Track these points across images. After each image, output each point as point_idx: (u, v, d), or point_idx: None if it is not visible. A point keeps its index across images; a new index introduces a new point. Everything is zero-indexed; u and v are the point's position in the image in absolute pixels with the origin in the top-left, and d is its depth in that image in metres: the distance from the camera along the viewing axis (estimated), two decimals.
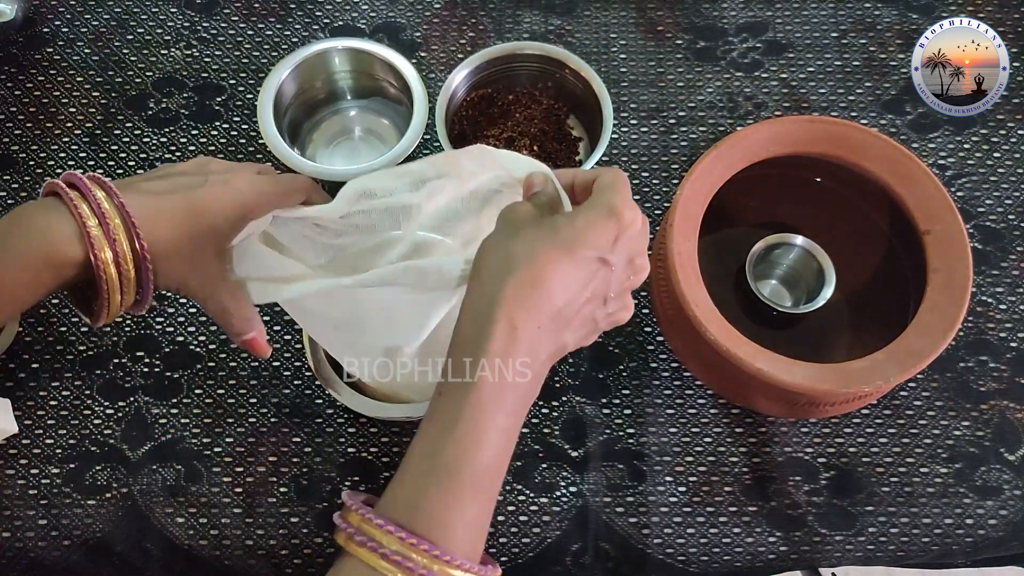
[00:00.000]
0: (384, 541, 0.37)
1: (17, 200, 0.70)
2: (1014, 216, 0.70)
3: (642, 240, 0.42)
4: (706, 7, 0.78)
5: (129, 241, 0.42)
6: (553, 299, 0.39)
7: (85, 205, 0.41)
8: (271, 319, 0.66)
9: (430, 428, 0.40)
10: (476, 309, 0.40)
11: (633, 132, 0.73)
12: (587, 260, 0.39)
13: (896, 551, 0.60)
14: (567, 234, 0.39)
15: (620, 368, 0.65)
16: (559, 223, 0.40)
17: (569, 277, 0.39)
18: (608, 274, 0.40)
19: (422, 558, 0.36)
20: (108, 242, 0.41)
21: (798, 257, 0.65)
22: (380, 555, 0.36)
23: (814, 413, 0.61)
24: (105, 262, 0.41)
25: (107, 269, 0.41)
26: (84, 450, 0.62)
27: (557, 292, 0.39)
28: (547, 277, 0.38)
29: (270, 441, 0.63)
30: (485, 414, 0.39)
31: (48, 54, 0.76)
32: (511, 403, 0.40)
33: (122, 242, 0.41)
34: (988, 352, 0.65)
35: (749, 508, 0.61)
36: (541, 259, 0.38)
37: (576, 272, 0.39)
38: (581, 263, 0.39)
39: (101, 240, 0.41)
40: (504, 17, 0.78)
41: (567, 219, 0.40)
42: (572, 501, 0.61)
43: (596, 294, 0.41)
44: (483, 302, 0.39)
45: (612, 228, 0.39)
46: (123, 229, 0.42)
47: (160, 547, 0.60)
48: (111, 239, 0.41)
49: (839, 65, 0.76)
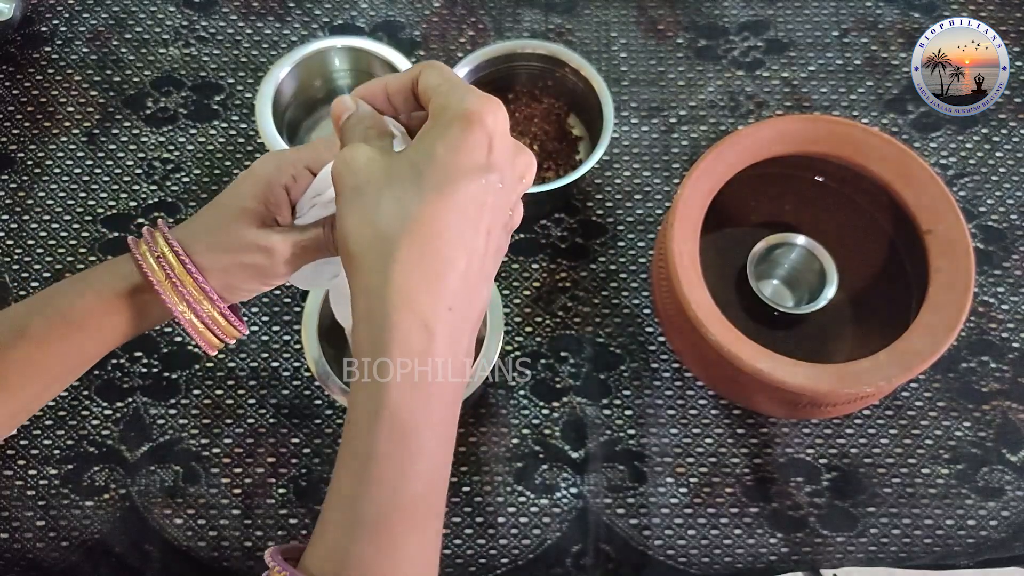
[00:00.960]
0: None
1: (15, 200, 0.70)
2: (1016, 216, 0.69)
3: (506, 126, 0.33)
4: (707, 5, 0.78)
5: (169, 247, 0.42)
6: (455, 264, 0.31)
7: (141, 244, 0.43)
8: (270, 319, 0.66)
9: (345, 470, 0.32)
10: (367, 311, 0.32)
11: (634, 131, 0.73)
12: (471, 194, 0.31)
13: (898, 552, 0.60)
14: (434, 176, 0.31)
15: (621, 369, 0.65)
16: (418, 165, 0.31)
17: (461, 228, 0.31)
18: (499, 193, 0.32)
19: None
20: (154, 258, 0.41)
21: (800, 257, 0.65)
22: None
23: (816, 414, 0.60)
24: (151, 267, 0.41)
25: (153, 272, 0.41)
26: (82, 451, 0.62)
27: (455, 254, 0.31)
28: (435, 242, 0.31)
29: (269, 442, 0.62)
30: (406, 440, 0.31)
31: (46, 53, 0.76)
32: (438, 413, 0.32)
33: (166, 255, 0.41)
34: (990, 352, 0.65)
35: (750, 509, 0.61)
36: (419, 222, 0.30)
37: (465, 217, 0.31)
38: (466, 202, 0.31)
39: (147, 255, 0.41)
40: (504, 16, 0.78)
41: (423, 155, 0.31)
42: (573, 502, 0.61)
43: (495, 223, 0.33)
44: (372, 301, 0.31)
45: (481, 137, 0.31)
46: (164, 242, 0.42)
47: (158, 548, 0.60)
48: (155, 255, 0.41)
49: (841, 64, 0.75)
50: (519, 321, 0.66)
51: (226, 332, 0.44)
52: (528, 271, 0.68)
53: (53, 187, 0.70)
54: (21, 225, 0.69)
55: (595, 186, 0.71)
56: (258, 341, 0.65)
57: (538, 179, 0.68)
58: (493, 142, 0.31)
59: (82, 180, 0.71)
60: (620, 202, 0.70)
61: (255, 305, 0.66)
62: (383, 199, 0.31)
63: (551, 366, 0.65)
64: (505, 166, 0.32)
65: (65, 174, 0.71)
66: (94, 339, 0.43)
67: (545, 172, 0.68)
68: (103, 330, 0.42)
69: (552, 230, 0.69)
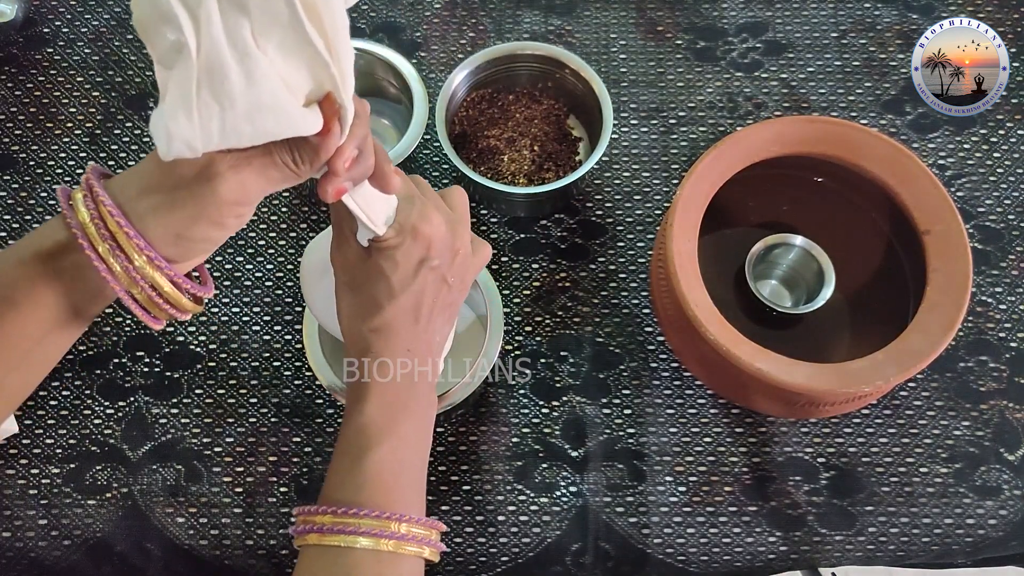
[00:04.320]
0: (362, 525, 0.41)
1: (17, 200, 0.70)
2: (1014, 216, 0.70)
3: (456, 232, 0.47)
4: (706, 7, 0.78)
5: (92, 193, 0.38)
6: (401, 336, 0.46)
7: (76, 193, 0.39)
8: (271, 319, 0.66)
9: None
10: (352, 345, 0.47)
11: (633, 132, 0.73)
12: (414, 291, 0.45)
13: (896, 551, 0.60)
14: (389, 285, 0.45)
15: (620, 368, 0.65)
16: (382, 276, 0.45)
17: (407, 312, 0.45)
18: (437, 276, 0.46)
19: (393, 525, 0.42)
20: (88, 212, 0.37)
21: (798, 257, 0.65)
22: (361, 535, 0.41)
23: (814, 413, 0.61)
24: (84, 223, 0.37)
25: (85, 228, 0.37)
26: (84, 450, 0.62)
27: (403, 330, 0.46)
28: (392, 324, 0.45)
29: (270, 441, 0.63)
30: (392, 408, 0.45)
31: (48, 54, 0.76)
32: (410, 400, 0.46)
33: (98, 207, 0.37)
34: (988, 352, 0.65)
35: (749, 508, 0.61)
36: (383, 312, 0.45)
37: (410, 305, 0.45)
38: (411, 295, 0.45)
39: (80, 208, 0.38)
40: (504, 17, 0.78)
41: (387, 266, 0.45)
42: (572, 501, 0.61)
43: (436, 295, 0.46)
44: (355, 340, 0.46)
45: (418, 248, 0.45)
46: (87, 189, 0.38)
47: (160, 547, 0.60)
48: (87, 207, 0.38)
49: (839, 65, 0.76)
50: (519, 321, 0.66)
51: (173, 300, 0.39)
52: (528, 271, 0.68)
53: (55, 187, 0.71)
54: (23, 225, 0.70)
55: (595, 186, 0.71)
56: (260, 341, 0.66)
57: (538, 179, 0.68)
58: (431, 246, 0.45)
59: None
60: (620, 202, 0.71)
61: (257, 305, 0.67)
62: (362, 291, 0.46)
63: (551, 365, 0.65)
64: (443, 258, 0.46)
65: (67, 174, 0.71)
66: (33, 316, 0.39)
67: (545, 173, 0.69)
68: (39, 305, 0.39)
69: (552, 230, 0.70)
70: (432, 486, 0.62)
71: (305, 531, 0.42)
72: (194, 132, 0.32)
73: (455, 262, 0.47)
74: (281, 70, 0.33)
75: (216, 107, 0.32)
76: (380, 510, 0.42)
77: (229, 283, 0.68)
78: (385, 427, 0.44)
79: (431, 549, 0.44)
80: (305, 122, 0.35)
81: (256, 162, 0.37)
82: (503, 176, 0.69)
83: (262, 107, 0.33)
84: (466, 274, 0.49)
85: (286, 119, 0.34)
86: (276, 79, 0.33)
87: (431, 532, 0.44)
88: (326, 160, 0.38)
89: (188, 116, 0.32)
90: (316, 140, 0.37)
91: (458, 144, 0.70)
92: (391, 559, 0.42)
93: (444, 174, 0.72)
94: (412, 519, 0.43)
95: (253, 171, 0.37)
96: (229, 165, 0.37)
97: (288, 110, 0.34)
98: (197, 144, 0.33)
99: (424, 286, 0.45)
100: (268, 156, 0.37)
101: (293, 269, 0.68)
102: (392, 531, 0.41)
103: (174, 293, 0.39)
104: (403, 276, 0.45)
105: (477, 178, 0.64)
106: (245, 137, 0.34)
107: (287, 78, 0.34)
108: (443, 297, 0.47)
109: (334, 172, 0.39)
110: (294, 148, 0.37)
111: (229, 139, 0.33)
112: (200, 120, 0.32)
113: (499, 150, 0.69)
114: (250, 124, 0.33)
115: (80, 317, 0.41)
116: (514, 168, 0.69)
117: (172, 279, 0.39)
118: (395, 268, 0.45)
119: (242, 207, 0.38)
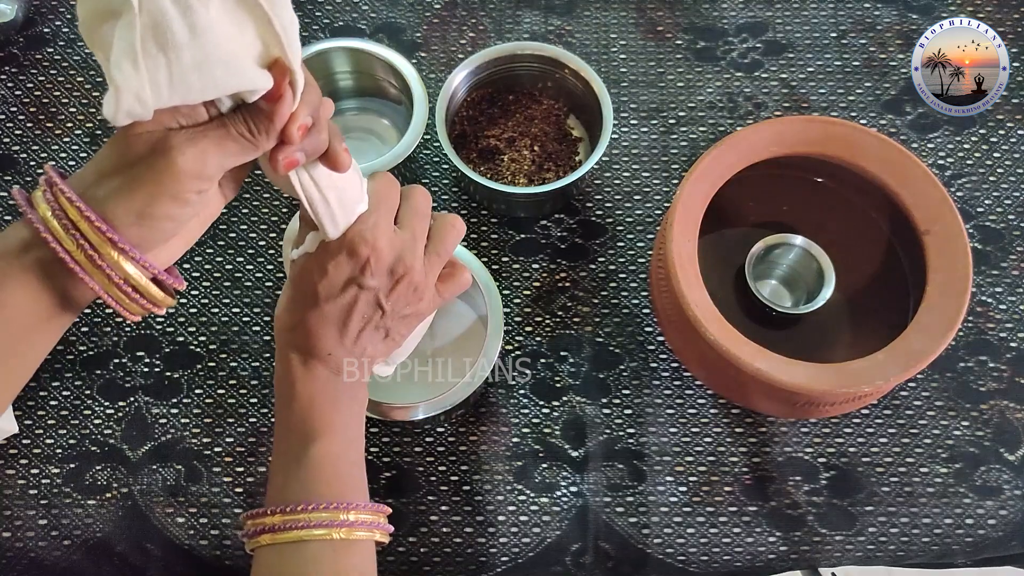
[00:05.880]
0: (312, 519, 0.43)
1: None
2: (1014, 216, 0.70)
3: (402, 259, 0.45)
4: (706, 7, 0.78)
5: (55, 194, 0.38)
6: (322, 342, 0.45)
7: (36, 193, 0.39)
8: (271, 319, 0.66)
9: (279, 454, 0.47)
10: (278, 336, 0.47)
11: (633, 132, 0.73)
12: (340, 304, 0.45)
13: (896, 551, 0.61)
14: (314, 291, 0.45)
15: (620, 368, 0.65)
16: (310, 280, 0.45)
17: (328, 322, 0.45)
18: (369, 298, 0.45)
19: (342, 514, 0.43)
20: (48, 205, 0.38)
21: (798, 257, 0.65)
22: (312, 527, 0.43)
23: (814, 413, 0.61)
24: (45, 218, 0.37)
25: (47, 222, 0.37)
26: (84, 450, 0.62)
27: (324, 337, 0.45)
28: (312, 329, 0.45)
29: (270, 441, 0.63)
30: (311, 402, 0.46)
31: (49, 54, 0.76)
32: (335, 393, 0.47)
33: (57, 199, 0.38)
34: (988, 352, 0.65)
35: (749, 508, 0.61)
36: (303, 315, 0.45)
37: (333, 317, 0.45)
38: (336, 307, 0.45)
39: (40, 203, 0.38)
40: (504, 17, 0.78)
41: (316, 272, 0.45)
42: (572, 501, 0.61)
43: (368, 315, 0.46)
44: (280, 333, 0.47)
45: (350, 265, 0.44)
46: (52, 191, 0.38)
47: (160, 547, 0.60)
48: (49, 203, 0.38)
49: (839, 65, 0.76)
50: (519, 321, 0.66)
51: (141, 288, 0.39)
52: (528, 271, 0.68)
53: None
54: None
55: (595, 187, 0.71)
56: (260, 341, 0.66)
57: (538, 179, 0.68)
58: (367, 265, 0.44)
59: None
60: (619, 202, 0.71)
61: (257, 306, 0.67)
62: (294, 291, 0.46)
63: (551, 365, 0.65)
64: (379, 278, 0.45)
65: (68, 174, 0.71)
66: (2, 322, 0.38)
67: (545, 173, 0.69)
68: (6, 306, 0.38)
69: (552, 230, 0.70)
70: (432, 486, 0.62)
71: (256, 533, 0.44)
72: (142, 82, 0.32)
73: (396, 289, 0.46)
74: (226, 28, 0.33)
75: (162, 58, 0.33)
76: (327, 501, 0.43)
77: (229, 283, 0.68)
78: (318, 423, 0.45)
79: (381, 532, 0.46)
80: (255, 77, 0.35)
81: (212, 134, 0.37)
82: (503, 176, 0.69)
83: (209, 59, 0.33)
84: (410, 305, 0.47)
85: (235, 71, 0.34)
86: (221, 31, 0.33)
87: (378, 516, 0.46)
88: (280, 127, 0.38)
89: (134, 66, 0.32)
90: (269, 107, 0.37)
91: (458, 144, 0.70)
92: (345, 546, 0.43)
93: (444, 174, 0.72)
94: (359, 506, 0.44)
95: (210, 142, 0.37)
96: (185, 138, 0.37)
97: (238, 63, 0.34)
98: (147, 95, 0.33)
99: (351, 303, 0.45)
100: (223, 128, 0.37)
101: None
102: (342, 520, 0.43)
103: (141, 280, 0.39)
104: (328, 287, 0.44)
105: (477, 178, 0.64)
106: (195, 90, 0.34)
107: (232, 36, 0.34)
108: (376, 320, 0.46)
109: (288, 139, 0.39)
110: (248, 117, 0.37)
111: (178, 91, 0.34)
112: (148, 70, 0.32)
113: (499, 150, 0.70)
114: (198, 75, 0.33)
115: (52, 320, 0.40)
116: (514, 168, 0.69)
117: (138, 262, 0.38)
118: (323, 276, 0.44)
119: (202, 181, 0.38)
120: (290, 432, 0.45)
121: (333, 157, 0.42)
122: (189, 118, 0.37)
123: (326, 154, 0.42)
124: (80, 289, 0.39)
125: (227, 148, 0.38)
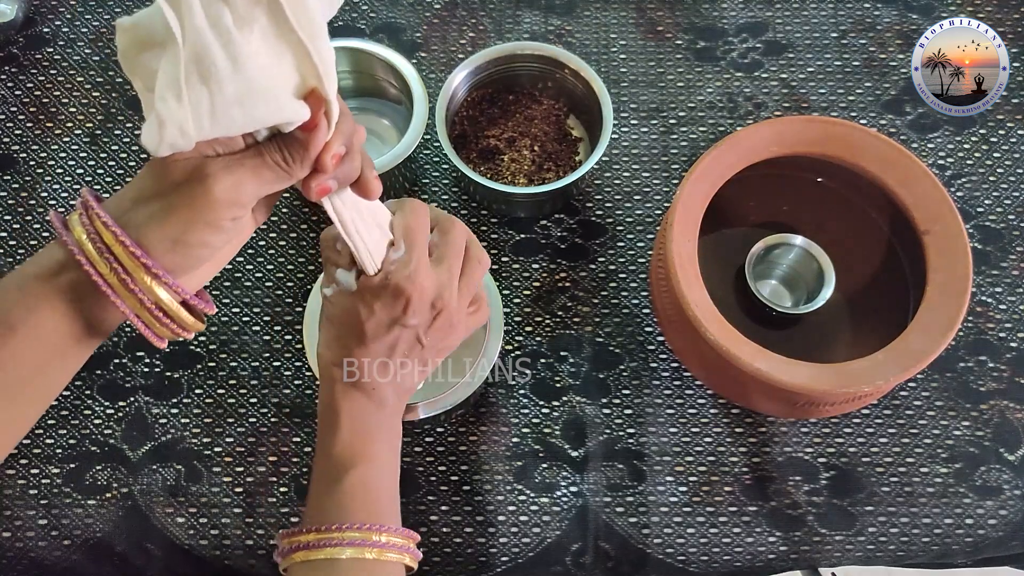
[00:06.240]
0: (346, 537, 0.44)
1: (17, 200, 0.70)
2: (1014, 216, 0.70)
3: (441, 295, 0.46)
4: (706, 7, 0.78)
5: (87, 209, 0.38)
6: (366, 378, 0.47)
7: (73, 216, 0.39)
8: (271, 319, 0.66)
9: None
10: (323, 372, 0.49)
11: (633, 132, 0.73)
12: (385, 342, 0.47)
13: (896, 551, 0.61)
14: (361, 331, 0.46)
15: (620, 368, 0.65)
16: (357, 320, 0.46)
17: (374, 359, 0.47)
18: (411, 335, 0.47)
19: (374, 535, 0.45)
20: (84, 229, 0.38)
21: (798, 257, 0.65)
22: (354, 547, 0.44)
23: (814, 413, 0.61)
24: (80, 241, 0.37)
25: (82, 245, 0.37)
26: (84, 450, 0.62)
27: (369, 373, 0.47)
28: (360, 369, 0.47)
29: (270, 441, 0.63)
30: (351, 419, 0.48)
31: (48, 54, 0.76)
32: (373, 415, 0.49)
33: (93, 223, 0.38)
34: (988, 352, 0.65)
35: (749, 508, 0.61)
36: (351, 354, 0.47)
37: (379, 353, 0.47)
38: (382, 345, 0.47)
39: (76, 226, 0.38)
40: (504, 17, 0.78)
41: (364, 312, 0.46)
42: (572, 501, 0.61)
43: (409, 351, 0.48)
44: (324, 369, 0.49)
45: (397, 305, 0.45)
46: (88, 214, 0.38)
47: (160, 547, 0.60)
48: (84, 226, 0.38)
49: (839, 65, 0.76)
50: (519, 321, 0.66)
51: (172, 313, 0.39)
52: (528, 271, 0.68)
53: (56, 187, 0.71)
54: (24, 225, 0.70)
55: (595, 186, 0.71)
56: (260, 341, 0.66)
57: (538, 179, 0.68)
58: (409, 306, 0.45)
59: (84, 180, 0.71)
60: (619, 202, 0.71)
61: (257, 306, 0.67)
62: (338, 330, 0.48)
63: (551, 365, 0.65)
64: (420, 316, 0.46)
65: (67, 174, 0.71)
66: (31, 341, 0.38)
67: (545, 173, 0.69)
68: (38, 328, 0.38)
69: (552, 230, 0.70)
70: (432, 486, 0.62)
71: (290, 551, 0.45)
72: (185, 114, 0.33)
73: (434, 323, 0.47)
74: (265, 60, 0.34)
75: (205, 91, 0.33)
76: (361, 523, 0.45)
77: (229, 283, 0.68)
78: (357, 452, 0.47)
79: (411, 556, 0.47)
80: (293, 109, 0.35)
81: (248, 163, 0.37)
82: (503, 176, 0.69)
83: (251, 92, 0.33)
84: (446, 339, 0.49)
85: (275, 105, 0.35)
86: (261, 63, 0.33)
87: (409, 541, 0.47)
88: (315, 156, 0.38)
89: (178, 99, 0.32)
90: (304, 136, 0.37)
91: (458, 144, 0.70)
92: (375, 566, 0.45)
93: (444, 174, 0.72)
94: (391, 529, 0.46)
95: (246, 171, 0.37)
96: (222, 166, 0.37)
97: (276, 96, 0.34)
98: (189, 127, 0.33)
99: (396, 341, 0.47)
100: (259, 156, 0.38)
101: (293, 269, 0.68)
102: (374, 540, 0.44)
103: (173, 305, 0.39)
104: (375, 326, 0.46)
105: (477, 178, 0.64)
106: (236, 123, 0.34)
107: (272, 68, 0.34)
108: (415, 354, 0.48)
109: (321, 168, 0.39)
110: (283, 146, 0.38)
111: (220, 124, 0.34)
112: (190, 103, 0.33)
113: (499, 150, 0.70)
114: (240, 109, 0.34)
115: (81, 343, 0.40)
116: (514, 168, 0.69)
117: (171, 287, 0.38)
118: (370, 316, 0.46)
119: (237, 209, 0.38)
120: (331, 458, 0.47)
121: (364, 185, 0.43)
122: (226, 146, 0.37)
123: (357, 181, 0.42)
124: (111, 312, 0.39)
125: (263, 176, 0.38)
